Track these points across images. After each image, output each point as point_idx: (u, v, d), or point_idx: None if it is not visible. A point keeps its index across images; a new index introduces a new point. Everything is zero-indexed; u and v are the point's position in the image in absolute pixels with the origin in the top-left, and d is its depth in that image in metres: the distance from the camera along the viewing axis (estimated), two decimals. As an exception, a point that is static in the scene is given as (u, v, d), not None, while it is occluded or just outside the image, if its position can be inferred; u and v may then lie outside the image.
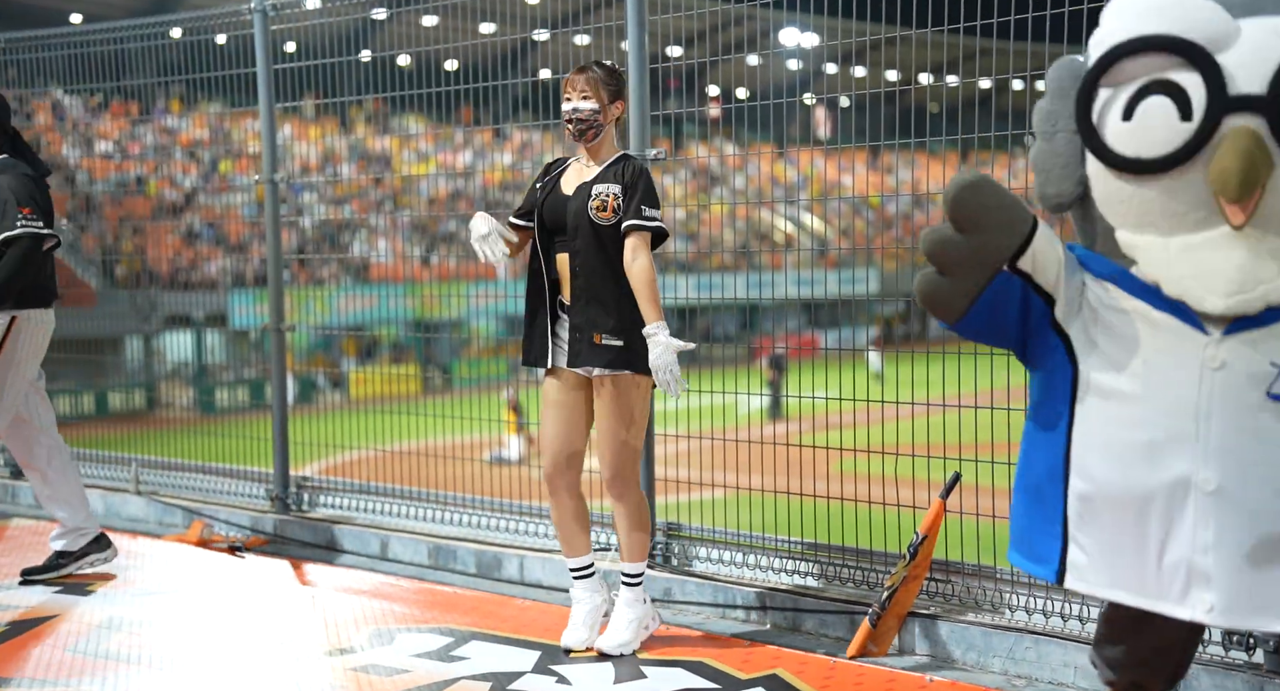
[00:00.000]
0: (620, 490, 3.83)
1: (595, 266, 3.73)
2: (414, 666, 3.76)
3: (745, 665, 3.73)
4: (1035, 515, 2.45)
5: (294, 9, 5.60)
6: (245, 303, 9.68)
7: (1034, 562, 2.47)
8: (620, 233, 3.73)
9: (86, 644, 4.05)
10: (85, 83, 6.56)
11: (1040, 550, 2.45)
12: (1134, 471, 2.30)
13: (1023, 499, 2.50)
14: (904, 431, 4.20)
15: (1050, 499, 2.41)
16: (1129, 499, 2.31)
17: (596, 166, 3.83)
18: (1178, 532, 2.28)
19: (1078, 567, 2.40)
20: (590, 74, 3.80)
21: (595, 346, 3.74)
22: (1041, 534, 2.44)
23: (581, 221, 3.74)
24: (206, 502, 5.98)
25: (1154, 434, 2.28)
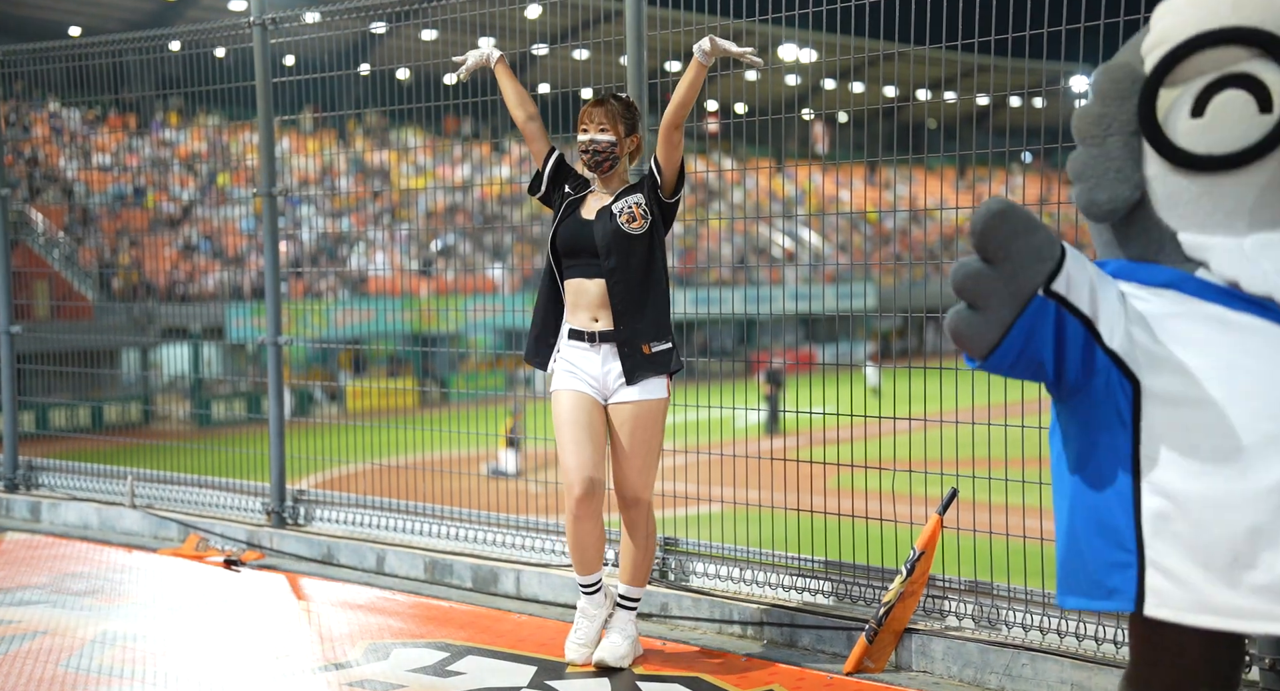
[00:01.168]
0: (639, 514, 3.87)
1: (632, 280, 3.78)
2: (410, 681, 3.75)
3: (742, 681, 3.72)
4: (1098, 548, 2.29)
5: (293, 22, 5.61)
6: (242, 315, 9.68)
7: (1102, 599, 2.29)
8: (651, 236, 3.81)
9: (80, 659, 4.03)
10: (84, 95, 6.57)
11: (1110, 583, 2.28)
12: (1223, 480, 2.17)
13: (1078, 535, 2.33)
14: (901, 446, 4.20)
15: (1119, 526, 2.27)
16: (1219, 510, 2.18)
17: (612, 192, 3.91)
18: (1277, 543, 2.14)
19: (1159, 593, 2.24)
20: (609, 107, 3.86)
21: (648, 357, 3.79)
22: (1109, 566, 2.28)
23: (614, 240, 3.79)
24: (202, 516, 5.96)
25: (1245, 439, 2.16)
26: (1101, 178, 2.35)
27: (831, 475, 4.26)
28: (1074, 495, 2.34)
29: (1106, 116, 2.35)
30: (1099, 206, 2.36)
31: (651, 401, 3.81)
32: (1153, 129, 2.30)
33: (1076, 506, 2.33)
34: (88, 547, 5.81)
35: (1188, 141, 2.27)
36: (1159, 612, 2.25)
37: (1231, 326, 2.23)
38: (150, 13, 25.88)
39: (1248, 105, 2.23)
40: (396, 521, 5.42)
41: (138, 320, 9.17)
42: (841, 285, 9.50)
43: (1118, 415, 2.29)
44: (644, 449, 3.81)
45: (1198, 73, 2.26)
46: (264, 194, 5.66)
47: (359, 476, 5.94)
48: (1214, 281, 2.27)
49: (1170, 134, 2.28)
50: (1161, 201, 2.33)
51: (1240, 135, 2.23)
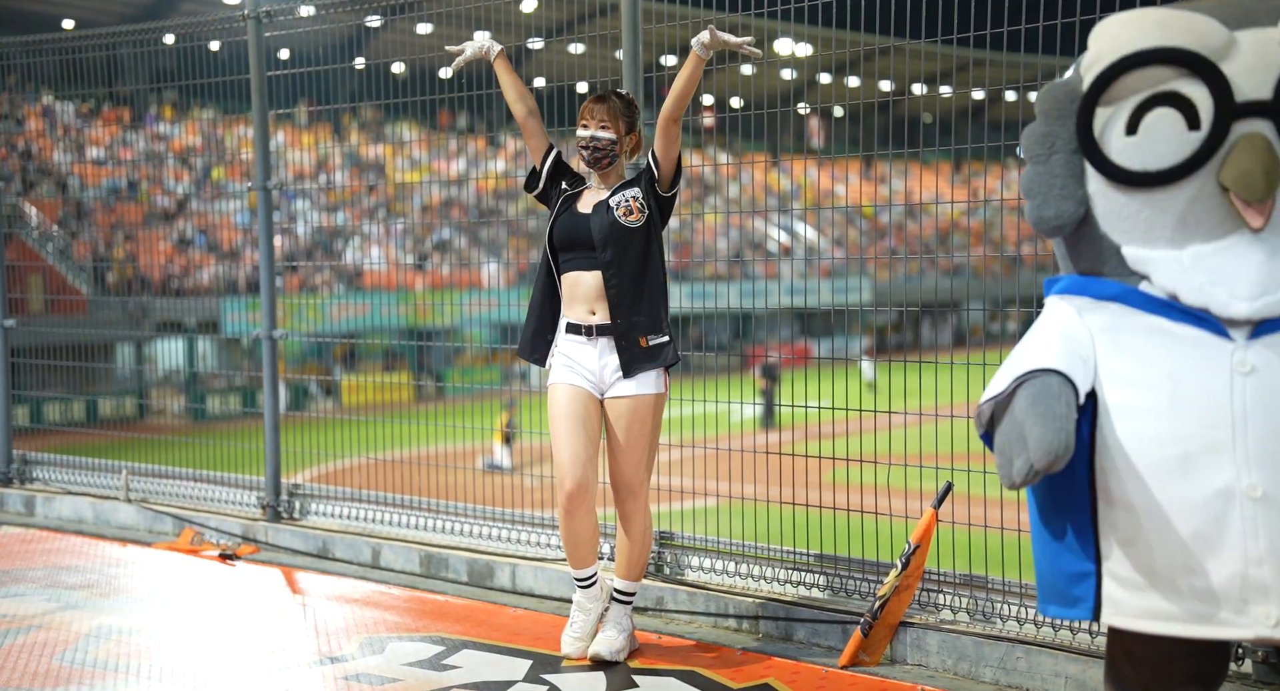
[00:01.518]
0: (635, 508, 3.86)
1: (628, 272, 3.78)
2: (405, 675, 3.75)
3: (737, 674, 3.72)
4: (1064, 559, 2.36)
5: (288, 16, 5.60)
6: (237, 310, 9.67)
7: (1068, 607, 2.37)
8: (648, 229, 3.81)
9: (75, 653, 4.02)
10: (78, 88, 6.55)
11: (1074, 591, 2.35)
12: (1168, 488, 2.22)
13: (1048, 546, 2.39)
14: (896, 441, 4.21)
15: (1080, 537, 2.33)
16: (1164, 517, 2.23)
17: (609, 187, 3.91)
18: (1224, 547, 2.19)
19: (1114, 601, 2.30)
20: (610, 104, 3.86)
21: (645, 350, 3.79)
22: (1073, 576, 2.34)
23: (610, 232, 3.79)
24: (197, 510, 5.96)
25: (1187, 446, 2.21)
26: (1048, 194, 2.41)
27: (827, 469, 4.27)
28: (1042, 508, 2.41)
29: (1050, 135, 2.41)
30: (1046, 222, 2.43)
31: (648, 396, 3.81)
32: (1090, 146, 2.37)
33: (1046, 519, 2.40)
34: (82, 542, 5.81)
35: (1123, 158, 2.33)
36: (1113, 620, 2.33)
37: (1173, 338, 2.28)
38: (144, 6, 25.80)
39: (1177, 122, 2.29)
40: (392, 515, 5.42)
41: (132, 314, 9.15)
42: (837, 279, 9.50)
43: (1077, 428, 2.32)
44: (640, 443, 3.81)
45: (1130, 91, 2.33)
46: (259, 188, 5.65)
47: (354, 470, 5.94)
48: (1156, 294, 2.32)
49: (1107, 151, 2.35)
50: (1103, 216, 2.39)
51: (1172, 151, 2.29)
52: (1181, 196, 2.30)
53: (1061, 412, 2.23)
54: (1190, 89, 2.28)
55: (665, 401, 3.89)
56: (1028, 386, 2.29)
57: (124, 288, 9.17)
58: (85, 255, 9.67)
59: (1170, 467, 2.23)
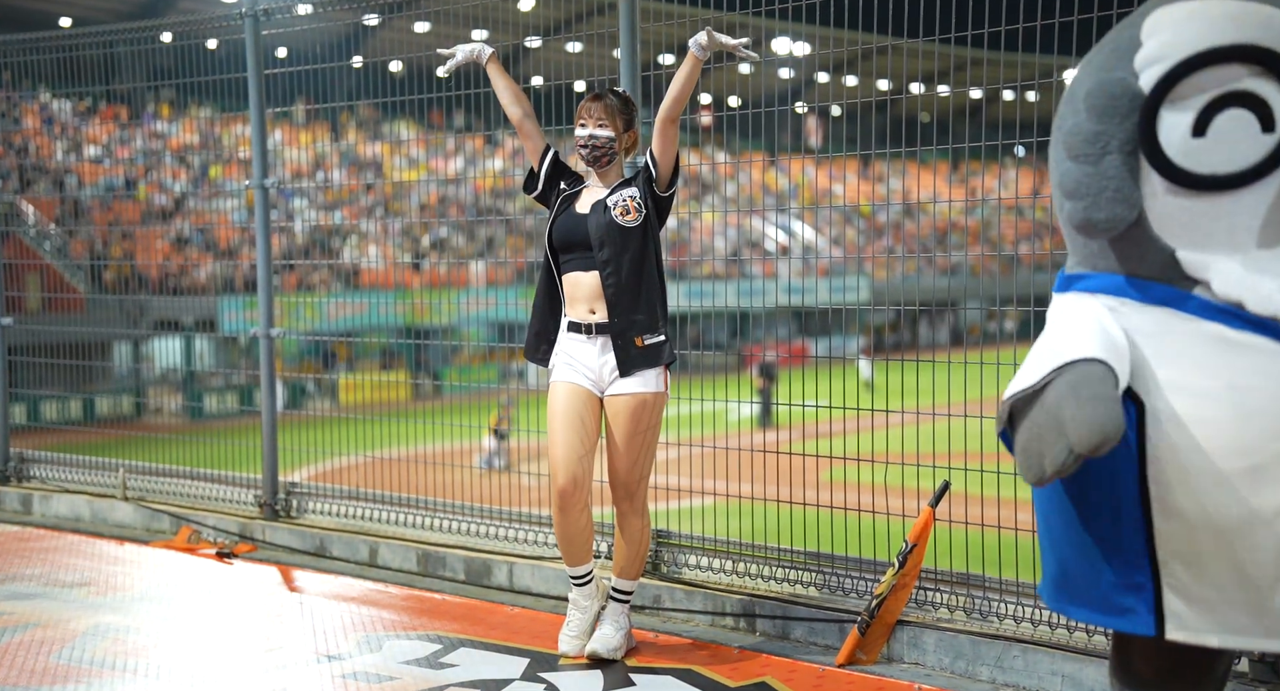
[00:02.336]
0: (631, 507, 3.87)
1: (625, 271, 3.78)
2: (402, 673, 3.75)
3: (734, 673, 3.73)
4: (1109, 568, 2.26)
5: (285, 14, 5.60)
6: (235, 308, 9.66)
7: (1114, 616, 2.28)
8: (645, 229, 3.81)
9: (72, 651, 4.02)
10: (75, 86, 6.54)
11: (1123, 602, 2.26)
12: (1233, 501, 2.14)
13: (1088, 552, 2.29)
14: (893, 440, 4.21)
15: (1130, 549, 2.23)
16: (1230, 531, 2.15)
17: (607, 187, 3.91)
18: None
19: (1179, 616, 2.21)
20: (607, 102, 3.86)
21: (641, 350, 3.79)
22: (1123, 587, 2.25)
23: (607, 232, 3.79)
24: (194, 508, 5.95)
25: (1255, 459, 2.13)
26: (1098, 197, 2.28)
27: (824, 468, 4.27)
28: (1079, 513, 2.29)
29: (1103, 134, 2.27)
30: (1096, 226, 2.29)
31: (647, 394, 3.81)
32: (1155, 150, 2.22)
33: (1082, 523, 2.29)
34: (80, 540, 5.80)
35: (1188, 161, 2.21)
36: (1179, 636, 2.22)
37: (1234, 346, 2.18)
38: (142, 4, 25.77)
39: (1250, 124, 2.18)
40: (389, 514, 5.42)
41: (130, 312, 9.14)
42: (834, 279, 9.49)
43: (1123, 438, 2.22)
44: (637, 442, 3.81)
45: (1197, 90, 2.19)
46: (256, 186, 5.64)
47: (352, 469, 5.94)
48: (1213, 301, 2.22)
49: (1168, 152, 2.22)
50: (1159, 220, 2.27)
51: (1243, 155, 2.18)
52: (1251, 200, 2.19)
53: (1110, 395, 2.12)
54: (1264, 88, 2.16)
55: (665, 401, 3.89)
56: (1066, 375, 2.17)
57: (121, 286, 9.16)
58: (82, 253, 9.66)
59: (1237, 479, 2.14)
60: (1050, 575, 2.40)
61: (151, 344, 9.14)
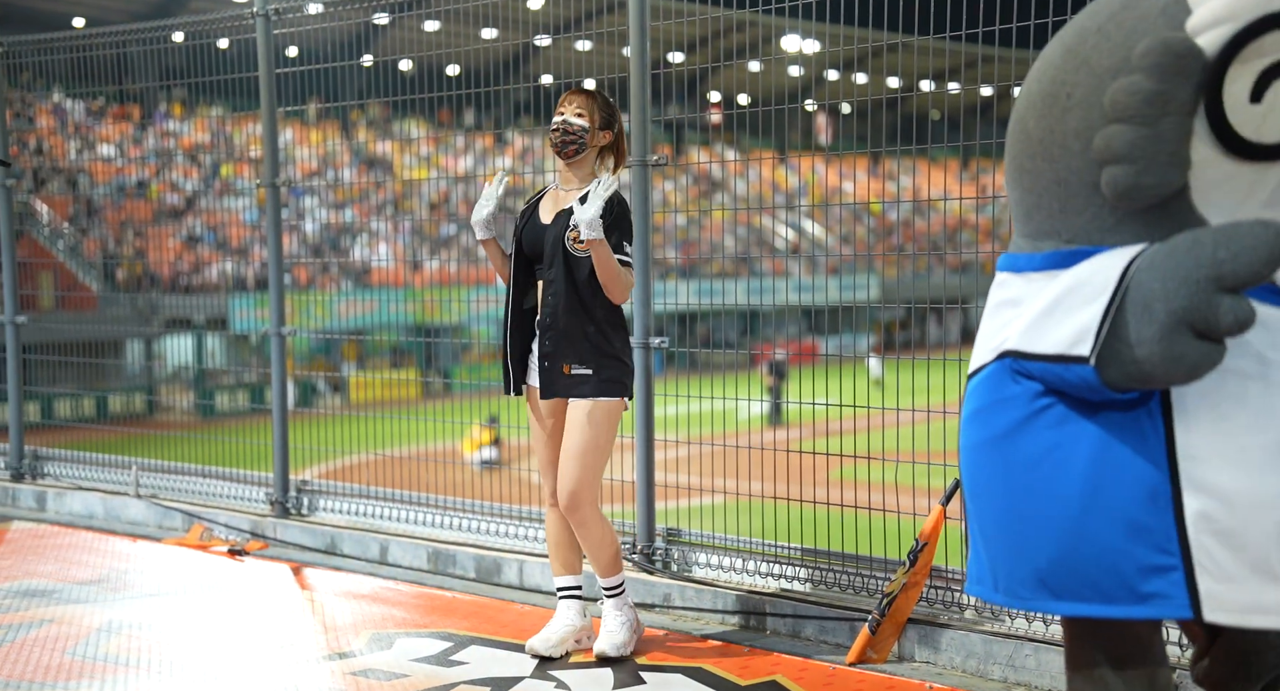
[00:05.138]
0: (580, 517, 3.78)
1: (567, 297, 3.71)
2: (413, 671, 3.76)
3: (744, 671, 3.73)
4: (1129, 551, 2.17)
5: (296, 13, 5.61)
6: (246, 306, 9.69)
7: (1136, 604, 2.18)
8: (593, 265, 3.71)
9: (85, 647, 4.04)
10: (87, 86, 6.57)
11: (1147, 588, 2.17)
12: (1273, 478, 2.10)
13: (1098, 538, 2.19)
14: (904, 437, 4.20)
15: (1154, 529, 2.15)
16: (1265, 504, 2.10)
17: (574, 189, 3.82)
18: None
19: (1215, 596, 2.14)
20: (588, 98, 3.82)
21: (565, 377, 3.74)
22: (1146, 570, 2.16)
23: (557, 251, 3.73)
24: (206, 506, 5.98)
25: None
26: (1152, 161, 2.16)
27: (834, 466, 4.27)
28: (1086, 494, 2.20)
29: (1164, 95, 2.15)
30: (1145, 191, 2.18)
31: (600, 403, 3.74)
32: (1219, 114, 2.13)
33: (1090, 506, 2.20)
34: (93, 537, 5.83)
35: (1244, 128, 2.14)
36: (1217, 617, 2.16)
37: (1263, 319, 2.14)
38: (154, 4, 25.85)
39: None
40: (400, 512, 5.43)
41: (141, 311, 9.18)
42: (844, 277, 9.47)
43: (1147, 412, 2.18)
44: (582, 448, 3.73)
45: (1257, 55, 2.12)
46: (267, 185, 5.66)
47: (362, 467, 5.96)
48: None
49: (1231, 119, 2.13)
50: (1203, 188, 2.20)
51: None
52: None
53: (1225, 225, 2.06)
54: None
55: (621, 410, 3.81)
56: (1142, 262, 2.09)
57: (133, 284, 9.20)
58: (95, 252, 9.70)
59: (1270, 454, 2.10)
60: (1024, 575, 2.27)
61: (163, 342, 9.18)
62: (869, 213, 28.64)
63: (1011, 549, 2.30)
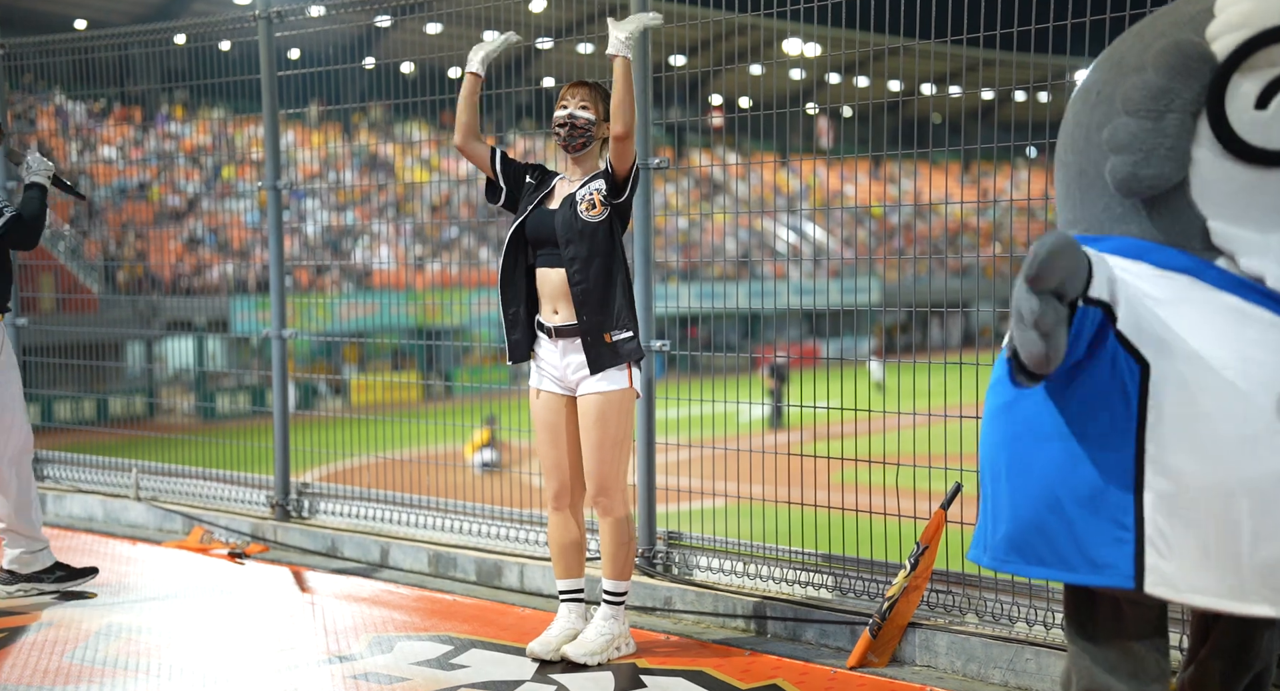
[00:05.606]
0: (607, 504, 3.84)
1: (593, 268, 3.74)
2: (413, 674, 3.76)
3: (745, 675, 3.72)
4: (1088, 521, 2.30)
5: (298, 16, 5.61)
6: (247, 308, 9.70)
7: (1087, 572, 2.31)
8: (611, 225, 3.75)
9: (85, 651, 4.04)
10: (89, 88, 6.57)
11: (1100, 557, 2.30)
12: (1231, 467, 2.20)
13: (1062, 506, 2.33)
14: (905, 441, 4.20)
15: (1115, 504, 2.28)
16: (1225, 496, 2.21)
17: (579, 180, 3.86)
18: (1274, 525, 2.18)
19: (1159, 571, 2.26)
20: (591, 90, 3.85)
21: (610, 345, 3.76)
22: (1101, 540, 2.30)
23: (573, 227, 3.75)
24: (207, 509, 5.98)
25: (1253, 427, 2.20)
26: (1151, 153, 2.30)
27: (835, 469, 4.27)
28: (1059, 466, 2.34)
29: (1170, 92, 2.29)
30: (1141, 182, 2.32)
31: (613, 392, 3.78)
32: (1221, 113, 2.25)
33: (1061, 478, 2.33)
34: (93, 540, 5.83)
35: (1246, 131, 2.24)
36: (1158, 590, 2.28)
37: (1249, 319, 2.24)
38: (156, 6, 25.87)
39: None
40: (400, 514, 5.43)
41: (142, 313, 9.19)
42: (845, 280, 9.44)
43: (1122, 395, 2.28)
44: (606, 441, 3.78)
45: (1269, 64, 2.23)
46: (269, 187, 5.66)
47: (363, 469, 5.96)
48: (1233, 273, 2.27)
49: (1230, 119, 2.25)
50: (1203, 186, 2.30)
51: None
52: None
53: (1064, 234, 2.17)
54: None
55: (634, 398, 3.85)
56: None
57: (134, 287, 9.21)
58: (96, 254, 9.71)
59: (1233, 445, 2.20)
60: (1001, 536, 2.43)
61: (164, 344, 9.19)
62: (870, 216, 28.64)
63: (997, 513, 2.46)
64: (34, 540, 4.70)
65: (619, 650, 3.89)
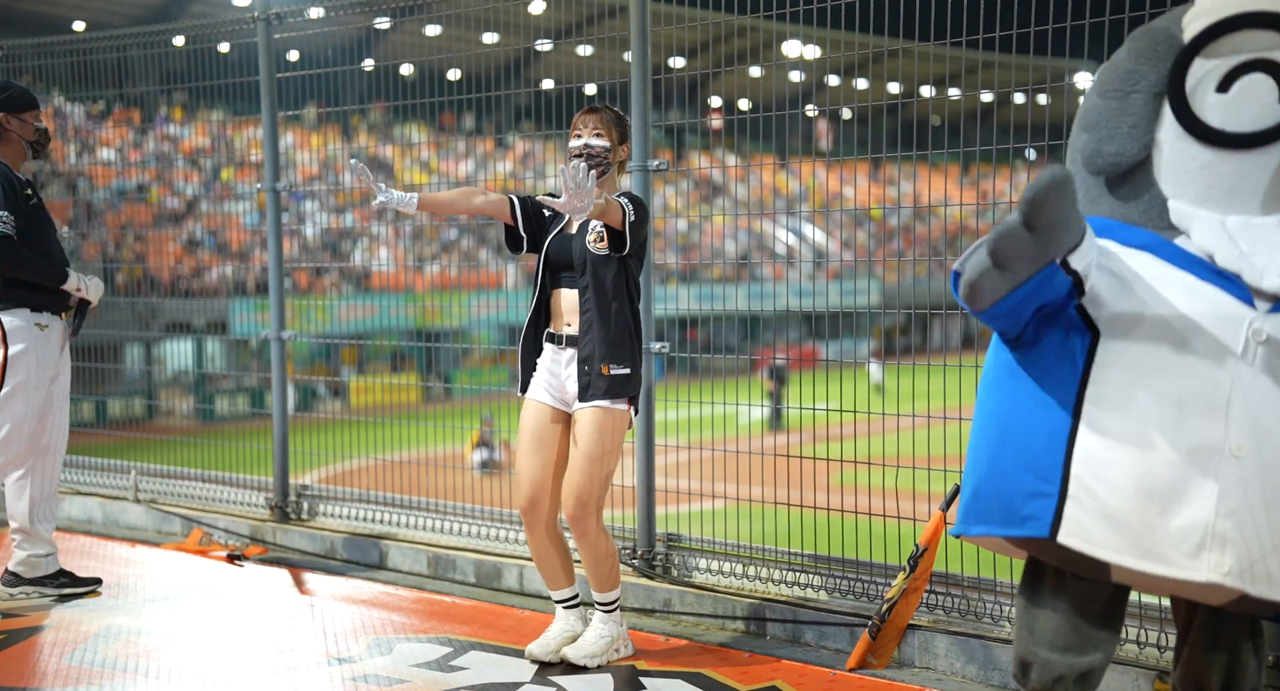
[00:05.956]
0: (584, 527, 3.79)
1: (598, 299, 3.75)
2: (413, 676, 3.76)
3: (744, 676, 3.72)
4: (1020, 478, 2.40)
5: (297, 18, 5.61)
6: (246, 310, 9.68)
7: (1015, 526, 2.41)
8: (617, 263, 3.75)
9: (84, 653, 4.04)
10: (88, 90, 6.57)
11: (1025, 511, 2.40)
12: (1156, 431, 2.29)
13: (1003, 467, 2.43)
14: (904, 443, 4.20)
15: (1047, 460, 2.38)
16: (1152, 460, 2.30)
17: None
18: (1196, 495, 2.27)
19: (1076, 522, 2.35)
20: (602, 115, 3.84)
21: (604, 377, 3.75)
22: (1028, 495, 2.39)
23: (586, 257, 3.77)
24: (206, 511, 5.97)
25: (1186, 398, 2.28)
26: (1114, 131, 2.42)
27: (834, 471, 4.27)
28: (1006, 430, 2.44)
29: (1136, 73, 2.40)
30: (1103, 158, 2.42)
31: (615, 409, 3.76)
32: (1180, 95, 2.36)
33: (1007, 442, 2.43)
34: (92, 542, 5.82)
35: (1208, 114, 2.34)
36: (1071, 541, 2.37)
37: (1197, 295, 2.33)
38: (154, 7, 25.88)
39: (1270, 91, 2.31)
40: (400, 516, 5.43)
41: (141, 315, 9.17)
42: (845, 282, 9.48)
43: (1071, 362, 2.39)
44: (596, 453, 3.75)
45: (1233, 50, 2.33)
46: (268, 189, 5.66)
47: (362, 471, 5.95)
48: (1190, 251, 2.36)
49: (1194, 104, 2.36)
50: (1165, 166, 2.40)
51: (1256, 117, 2.32)
52: (1252, 164, 2.33)
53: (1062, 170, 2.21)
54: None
55: (626, 421, 3.84)
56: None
57: (133, 288, 9.20)
58: (94, 256, 9.71)
59: (1165, 412, 2.29)
60: (963, 504, 2.54)
61: (163, 346, 9.18)
62: (869, 218, 28.65)
63: (964, 487, 2.59)
64: (44, 544, 4.72)
65: (618, 652, 3.89)
